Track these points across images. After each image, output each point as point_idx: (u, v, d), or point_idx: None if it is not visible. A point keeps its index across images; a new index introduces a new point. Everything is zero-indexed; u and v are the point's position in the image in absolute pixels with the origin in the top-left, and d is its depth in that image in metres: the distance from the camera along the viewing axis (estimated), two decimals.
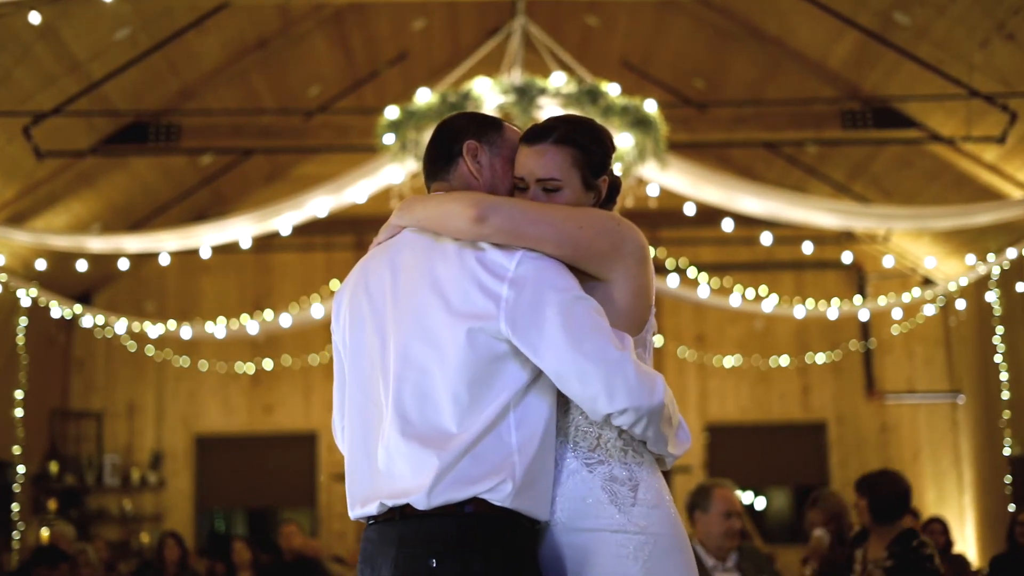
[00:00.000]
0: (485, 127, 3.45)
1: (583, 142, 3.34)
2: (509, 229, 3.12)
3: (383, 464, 3.18)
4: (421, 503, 3.06)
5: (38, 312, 12.71)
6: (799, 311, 13.37)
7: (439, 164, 3.44)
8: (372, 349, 3.31)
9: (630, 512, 3.15)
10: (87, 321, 13.04)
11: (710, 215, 12.69)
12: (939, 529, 11.53)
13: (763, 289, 13.82)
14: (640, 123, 9.08)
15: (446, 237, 3.22)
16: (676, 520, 3.23)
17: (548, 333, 3.04)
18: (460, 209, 3.15)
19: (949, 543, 11.60)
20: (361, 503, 3.25)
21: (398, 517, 3.12)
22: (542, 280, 3.10)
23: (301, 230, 12.22)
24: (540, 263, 3.12)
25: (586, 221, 3.19)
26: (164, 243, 11.79)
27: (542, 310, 3.06)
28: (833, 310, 13.41)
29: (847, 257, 14.32)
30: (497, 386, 3.11)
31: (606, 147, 3.42)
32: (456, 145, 3.40)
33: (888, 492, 6.48)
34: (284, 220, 11.24)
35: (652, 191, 10.79)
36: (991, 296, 12.39)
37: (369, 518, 3.25)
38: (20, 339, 12.47)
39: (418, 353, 3.16)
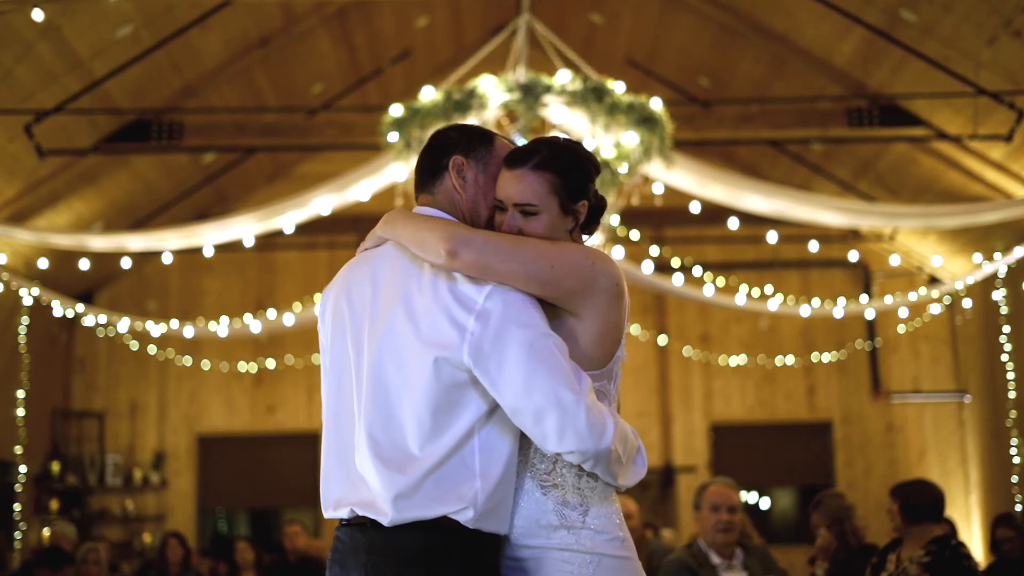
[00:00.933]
0: (475, 142, 3.50)
1: (563, 168, 3.39)
2: (479, 265, 3.18)
3: (356, 473, 3.30)
4: (387, 521, 3.18)
5: (40, 311, 12.72)
6: (805, 310, 13.36)
7: (426, 176, 3.52)
8: (349, 359, 3.41)
9: (578, 534, 3.27)
10: (89, 320, 13.05)
11: (715, 213, 12.69)
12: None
13: (768, 288, 13.82)
14: (646, 121, 9.09)
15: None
16: (624, 546, 3.33)
17: (507, 369, 3.12)
18: (434, 241, 3.21)
19: None
20: (334, 505, 3.38)
21: (368, 524, 3.24)
22: (508, 315, 3.16)
23: (304, 229, 12.22)
24: (508, 297, 3.19)
25: (559, 259, 3.24)
26: (167, 242, 11.80)
27: (504, 346, 3.13)
28: (839, 309, 13.39)
29: (853, 256, 14.31)
30: (459, 413, 3.20)
31: (587, 172, 3.47)
32: (444, 159, 3.47)
33: (923, 498, 6.65)
34: (287, 219, 11.23)
35: (657, 189, 10.79)
36: (998, 295, 12.39)
37: (341, 520, 3.37)
38: (22, 338, 12.49)
39: (388, 374, 3.26)
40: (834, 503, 7.94)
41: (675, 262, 13.65)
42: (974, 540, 15.35)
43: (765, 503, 16.65)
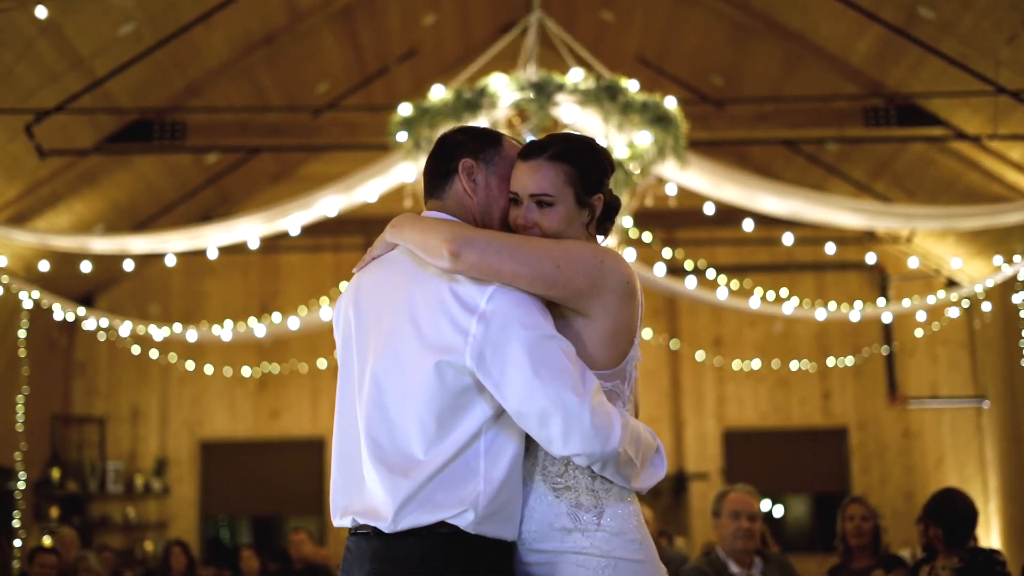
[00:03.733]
0: (483, 144, 3.51)
1: (578, 160, 3.42)
2: (483, 266, 3.19)
3: (359, 481, 3.34)
4: (387, 527, 3.21)
5: (40, 315, 12.71)
6: (820, 313, 13.33)
7: (436, 181, 3.53)
8: (353, 367, 3.44)
9: (593, 536, 3.28)
10: (90, 324, 13.02)
11: (729, 215, 12.68)
12: None
13: (783, 291, 13.79)
14: (660, 120, 9.07)
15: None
16: (642, 547, 3.33)
17: (510, 372, 3.14)
18: (437, 243, 3.22)
19: None
20: (340, 514, 3.43)
21: (372, 534, 3.27)
22: (510, 317, 3.17)
23: (309, 231, 12.23)
24: (511, 298, 3.20)
25: (565, 259, 3.24)
26: (170, 244, 11.80)
27: (507, 348, 3.15)
28: (855, 312, 13.37)
29: (870, 258, 14.28)
30: (464, 417, 3.22)
31: (603, 166, 3.49)
32: (452, 163, 3.48)
33: (964, 522, 6.61)
34: (293, 220, 11.24)
35: (670, 190, 10.78)
36: (1018, 298, 12.35)
37: (349, 529, 3.41)
38: (21, 342, 12.48)
39: (389, 380, 3.28)
40: (868, 501, 7.94)
41: (688, 264, 13.63)
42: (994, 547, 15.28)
43: (779, 511, 16.62)
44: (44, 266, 12.40)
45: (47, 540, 11.20)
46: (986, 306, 13.85)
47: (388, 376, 3.27)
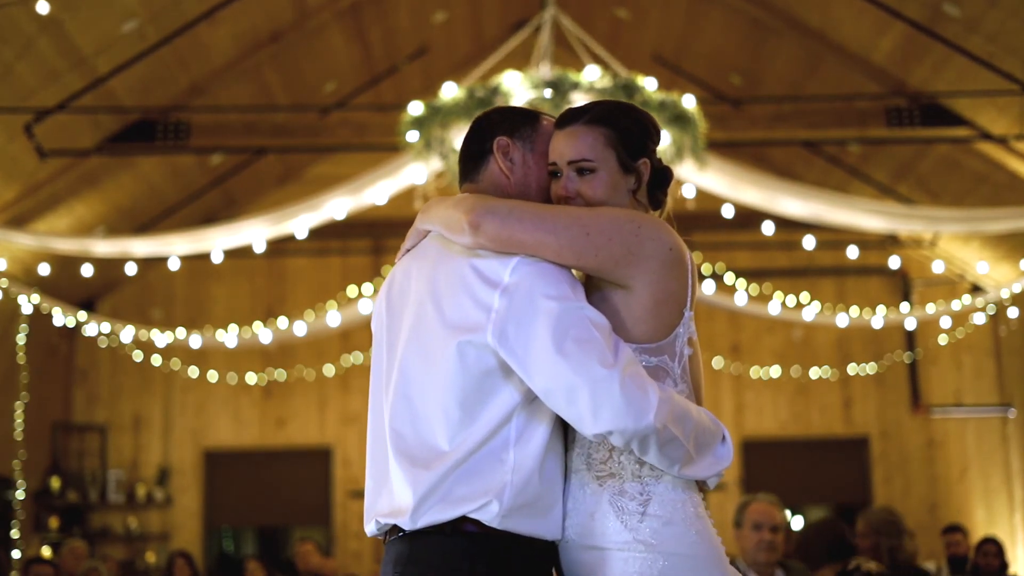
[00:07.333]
0: (519, 121, 3.42)
1: (618, 122, 3.31)
2: (504, 236, 3.09)
3: (387, 480, 3.23)
4: (407, 524, 3.10)
5: (39, 320, 12.69)
6: (841, 319, 13.30)
7: (470, 163, 3.44)
8: (383, 362, 3.37)
9: (637, 528, 3.09)
10: (91, 329, 13.03)
11: (748, 218, 12.64)
12: (993, 550, 11.44)
13: (803, 296, 13.75)
14: (678, 120, 9.03)
15: (455, 244, 3.22)
16: (700, 540, 3.13)
17: (535, 346, 3.01)
18: (458, 216, 3.13)
19: (1004, 564, 11.50)
20: (368, 520, 3.32)
21: (397, 537, 3.17)
22: (535, 289, 3.06)
23: (316, 234, 12.20)
24: (535, 269, 3.09)
25: (595, 225, 3.11)
26: (174, 247, 11.78)
27: (530, 321, 3.02)
28: (877, 318, 13.33)
29: (893, 262, 14.24)
30: (490, 402, 3.10)
31: (645, 128, 3.37)
32: (487, 142, 3.39)
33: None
34: (300, 222, 11.20)
35: (688, 192, 10.74)
36: None
37: (380, 536, 3.31)
38: (21, 348, 12.47)
39: (414, 367, 3.19)
40: (879, 515, 7.87)
41: (706, 269, 13.60)
42: (1019, 561, 15.25)
43: (798, 522, 16.57)
44: (44, 269, 12.39)
45: (46, 551, 11.18)
46: (1012, 312, 13.79)
47: (413, 364, 3.18)
